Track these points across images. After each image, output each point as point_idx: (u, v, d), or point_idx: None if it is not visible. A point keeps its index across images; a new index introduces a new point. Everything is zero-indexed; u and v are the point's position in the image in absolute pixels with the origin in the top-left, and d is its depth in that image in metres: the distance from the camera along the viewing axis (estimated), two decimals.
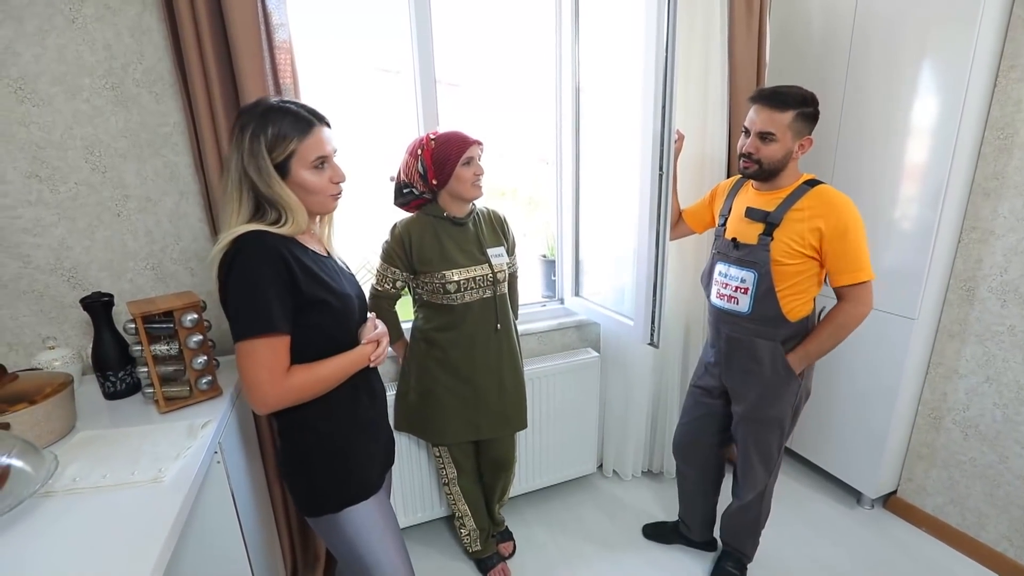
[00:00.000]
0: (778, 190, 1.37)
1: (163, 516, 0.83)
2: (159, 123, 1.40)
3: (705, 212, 1.65)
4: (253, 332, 0.86)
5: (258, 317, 0.86)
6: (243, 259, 0.86)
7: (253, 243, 0.87)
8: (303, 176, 0.94)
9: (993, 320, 1.66)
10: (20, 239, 1.33)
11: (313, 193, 0.96)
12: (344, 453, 1.04)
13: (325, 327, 0.97)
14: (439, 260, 1.43)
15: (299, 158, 0.92)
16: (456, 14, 2.03)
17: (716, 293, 1.50)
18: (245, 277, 0.86)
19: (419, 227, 1.44)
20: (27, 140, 1.29)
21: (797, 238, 1.31)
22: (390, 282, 1.49)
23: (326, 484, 1.03)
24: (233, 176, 0.90)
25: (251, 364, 0.87)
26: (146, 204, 1.43)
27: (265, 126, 0.89)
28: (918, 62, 1.64)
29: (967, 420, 1.77)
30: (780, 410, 1.45)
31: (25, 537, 0.79)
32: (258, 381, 0.87)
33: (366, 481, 1.08)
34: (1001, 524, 1.71)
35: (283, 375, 0.90)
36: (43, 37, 1.25)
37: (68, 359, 1.32)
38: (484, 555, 1.78)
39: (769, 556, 1.79)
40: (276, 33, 1.35)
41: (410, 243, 1.43)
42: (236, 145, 0.90)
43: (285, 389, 0.90)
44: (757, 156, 1.34)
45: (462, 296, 1.46)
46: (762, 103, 1.32)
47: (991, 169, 1.62)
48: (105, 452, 1.01)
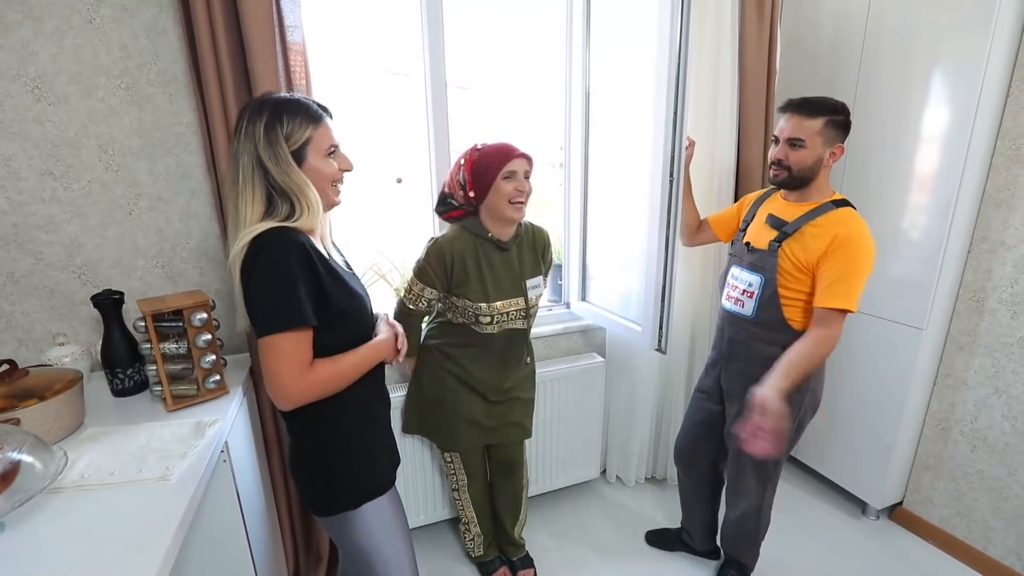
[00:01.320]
0: (805, 203, 1.36)
1: (170, 514, 0.83)
2: (172, 123, 1.41)
3: (732, 220, 1.62)
4: (279, 327, 0.85)
5: (282, 310, 0.85)
6: (266, 255, 0.85)
7: (275, 238, 0.87)
8: (317, 164, 0.94)
9: (1003, 332, 1.65)
10: (33, 235, 1.34)
11: (325, 181, 0.96)
12: (360, 448, 1.04)
13: (347, 324, 0.97)
14: (477, 290, 1.37)
15: (315, 145, 0.93)
16: (467, 17, 2.04)
17: (726, 295, 1.50)
18: (269, 272, 0.85)
19: (461, 247, 1.36)
20: (42, 138, 1.30)
21: (801, 253, 1.30)
22: (424, 301, 1.42)
23: (345, 479, 1.03)
24: (246, 167, 0.89)
25: (276, 358, 0.86)
26: (157, 203, 1.44)
27: (280, 115, 0.89)
28: (930, 70, 1.63)
29: (975, 432, 1.75)
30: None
31: (35, 532, 0.79)
32: (282, 375, 0.87)
33: (382, 475, 1.09)
34: (1009, 538, 1.69)
35: (308, 369, 0.89)
36: (61, 37, 1.27)
37: (78, 356, 1.33)
38: (486, 559, 1.77)
39: (772, 565, 1.78)
40: (290, 35, 1.36)
41: (452, 264, 1.35)
42: (248, 135, 0.89)
43: (309, 383, 0.89)
44: (787, 163, 1.33)
45: (492, 327, 1.42)
46: (792, 111, 1.32)
47: (1002, 179, 1.61)
48: (113, 449, 1.02)
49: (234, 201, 0.91)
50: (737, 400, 1.49)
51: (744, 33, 1.79)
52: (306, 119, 0.91)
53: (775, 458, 1.44)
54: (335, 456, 1.02)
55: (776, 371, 1.24)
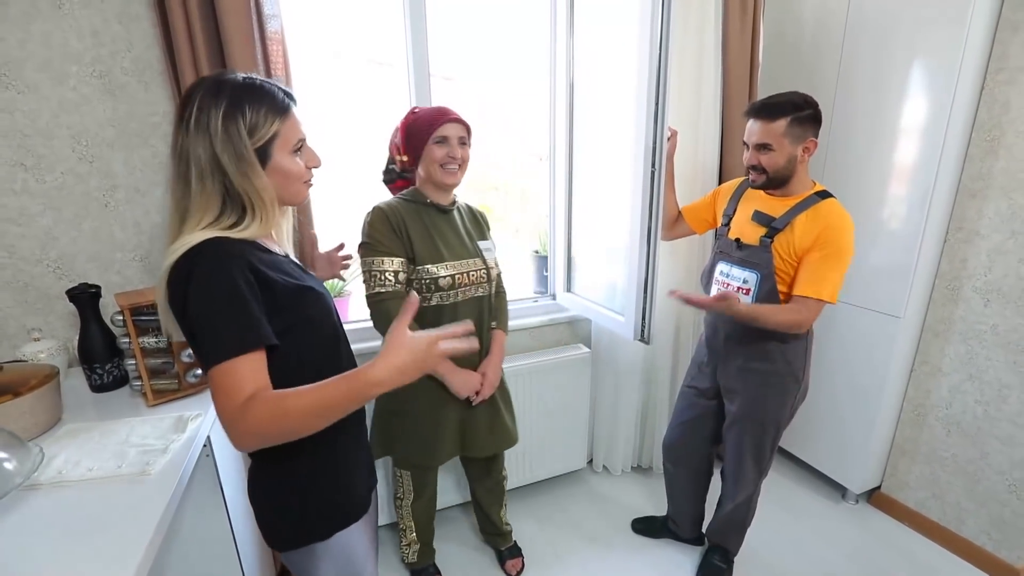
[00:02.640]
0: (788, 197, 1.37)
1: (151, 510, 0.82)
2: (148, 112, 1.38)
3: (706, 211, 1.63)
4: (231, 352, 0.69)
5: (236, 333, 0.70)
6: (204, 271, 0.70)
7: (214, 250, 0.72)
8: (284, 162, 0.80)
9: (976, 319, 1.69)
10: (4, 228, 1.31)
11: (292, 181, 0.83)
12: (336, 469, 0.90)
13: (311, 329, 0.83)
14: (429, 252, 1.29)
15: (282, 141, 0.79)
16: (450, 7, 2.02)
17: (716, 292, 1.49)
18: (210, 291, 0.70)
19: (402, 212, 1.29)
20: (11, 127, 1.27)
21: (791, 246, 1.33)
22: (391, 275, 1.26)
23: (318, 507, 0.88)
24: (204, 167, 0.74)
25: (228, 388, 0.69)
26: (134, 195, 1.41)
27: (241, 104, 0.75)
28: (908, 64, 1.66)
29: (949, 417, 1.80)
30: (779, 410, 1.46)
31: (10, 530, 0.78)
32: (234, 409, 0.68)
33: (359, 498, 0.94)
34: (980, 519, 1.74)
35: (277, 397, 0.70)
36: (28, 22, 1.23)
37: (54, 351, 1.31)
38: (419, 567, 1.71)
39: (755, 550, 1.82)
40: (268, 24, 1.33)
41: (399, 226, 1.26)
42: (200, 126, 0.73)
43: (274, 415, 0.69)
44: (760, 166, 1.34)
45: (455, 294, 1.34)
46: (754, 116, 1.34)
47: (977, 170, 1.65)
48: (92, 445, 1.00)
49: (178, 203, 0.76)
50: (737, 396, 1.50)
51: (727, 28, 1.80)
52: (272, 110, 0.78)
53: (772, 443, 1.50)
54: (306, 480, 0.87)
55: (750, 306, 1.33)
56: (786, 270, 1.35)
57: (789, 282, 1.35)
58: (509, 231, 2.80)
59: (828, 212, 1.30)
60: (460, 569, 1.79)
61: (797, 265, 1.33)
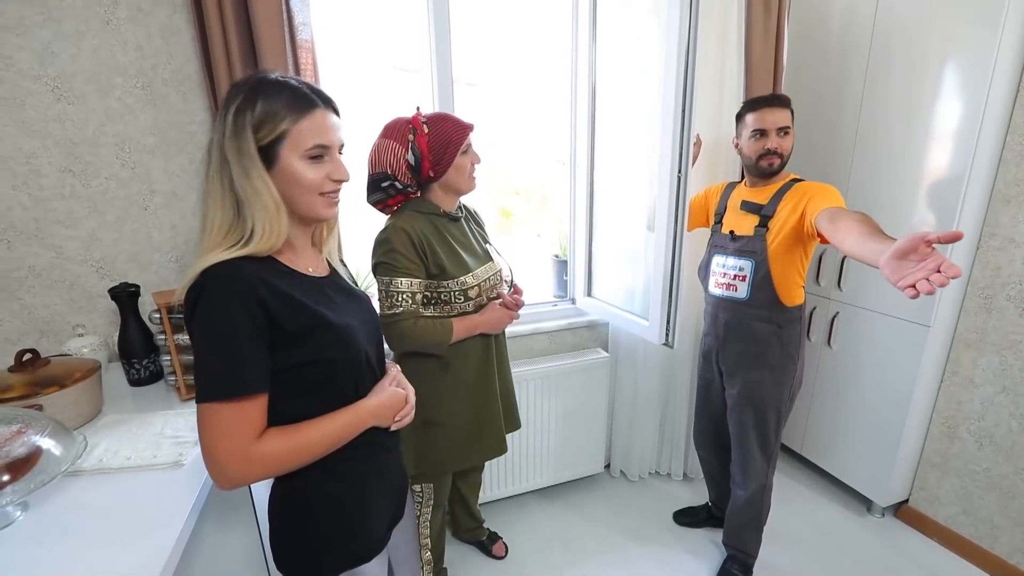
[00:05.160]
0: (769, 186, 1.49)
1: (183, 497, 0.88)
2: (186, 121, 1.45)
3: (699, 211, 1.70)
4: (214, 395, 0.68)
5: (222, 376, 0.68)
6: (206, 303, 0.68)
7: (223, 280, 0.68)
8: (294, 166, 0.73)
9: (1011, 329, 1.63)
10: (54, 231, 1.39)
11: (303, 190, 0.75)
12: (352, 505, 0.84)
13: (319, 364, 0.77)
14: (454, 265, 1.25)
15: (291, 142, 0.72)
16: (474, 14, 2.06)
17: (715, 283, 1.58)
18: (211, 325, 0.68)
19: (421, 228, 1.22)
20: (62, 136, 1.35)
21: (785, 222, 1.40)
22: (408, 297, 1.21)
23: (329, 542, 0.83)
24: (214, 163, 0.72)
25: (209, 430, 0.68)
26: (171, 199, 1.49)
27: (254, 100, 0.71)
28: (939, 65, 1.62)
29: (982, 430, 1.74)
30: (777, 394, 1.52)
31: (56, 512, 0.84)
32: (217, 451, 0.68)
33: (371, 538, 0.87)
34: (1015, 536, 1.68)
35: (251, 443, 0.69)
36: (79, 38, 1.31)
37: (96, 346, 1.38)
38: None
39: (774, 562, 1.79)
40: (299, 33, 1.39)
41: (422, 245, 1.21)
42: (218, 122, 0.72)
43: (251, 461, 0.69)
44: (780, 150, 1.43)
45: (481, 301, 1.31)
46: (769, 105, 1.44)
47: (1012, 175, 1.59)
48: (130, 435, 1.06)
49: (204, 202, 0.74)
50: (737, 380, 1.57)
51: (751, 27, 1.78)
52: (288, 107, 0.72)
53: (775, 428, 1.54)
54: (319, 514, 0.82)
55: (883, 240, 1.06)
56: (783, 251, 1.41)
57: (783, 264, 1.43)
58: (530, 235, 2.82)
59: (808, 185, 1.42)
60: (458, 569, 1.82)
61: (801, 243, 1.39)
